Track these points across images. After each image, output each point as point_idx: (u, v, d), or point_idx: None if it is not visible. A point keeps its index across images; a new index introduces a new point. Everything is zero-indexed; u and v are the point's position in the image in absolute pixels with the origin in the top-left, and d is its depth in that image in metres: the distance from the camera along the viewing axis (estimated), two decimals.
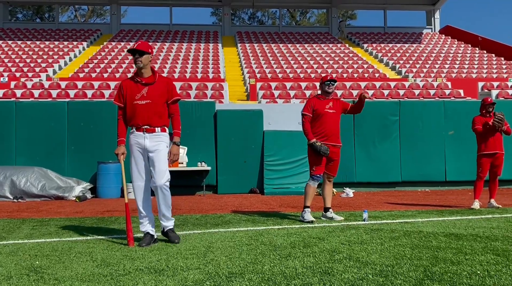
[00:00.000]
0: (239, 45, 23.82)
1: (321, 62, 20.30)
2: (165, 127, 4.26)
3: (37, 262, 3.41)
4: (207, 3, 28.76)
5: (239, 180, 10.43)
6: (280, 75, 17.68)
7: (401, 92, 15.12)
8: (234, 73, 19.43)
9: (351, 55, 22.00)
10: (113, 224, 5.56)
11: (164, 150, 4.20)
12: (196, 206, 7.71)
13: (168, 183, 4.22)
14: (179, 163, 10.02)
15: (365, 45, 24.65)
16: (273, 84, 15.51)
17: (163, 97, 4.19)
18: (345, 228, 4.99)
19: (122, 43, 22.87)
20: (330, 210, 5.85)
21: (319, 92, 6.01)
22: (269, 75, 17.65)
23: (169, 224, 4.30)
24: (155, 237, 4.24)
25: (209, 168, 10.18)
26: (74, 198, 9.24)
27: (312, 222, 5.41)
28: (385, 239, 4.28)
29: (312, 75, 17.77)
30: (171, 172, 10.39)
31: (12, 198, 9.27)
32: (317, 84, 15.53)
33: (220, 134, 10.56)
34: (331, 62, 20.35)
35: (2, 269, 3.22)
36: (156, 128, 4.18)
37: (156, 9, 35.76)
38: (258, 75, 17.56)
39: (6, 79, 15.51)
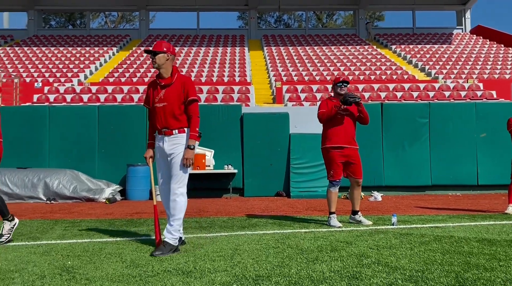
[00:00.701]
0: (265, 48, 23.88)
1: (348, 64, 20.11)
2: (184, 129, 4.06)
3: (69, 262, 3.50)
4: (234, 7, 28.97)
5: (265, 183, 10.43)
6: (306, 78, 17.61)
7: (431, 93, 14.81)
8: (260, 76, 19.48)
9: (379, 56, 21.71)
10: (142, 226, 5.65)
11: (182, 154, 4.02)
12: (223, 209, 7.75)
13: (181, 190, 3.99)
14: (206, 166, 10.11)
15: (393, 47, 24.28)
16: (299, 87, 15.47)
17: (180, 98, 4.03)
18: (373, 232, 4.92)
19: (150, 48, 23.27)
20: (359, 213, 5.77)
21: (332, 94, 5.93)
22: (295, 78, 17.61)
23: (167, 234, 3.91)
24: (183, 238, 4.23)
25: (235, 171, 10.23)
26: (104, 200, 9.45)
27: (339, 227, 5.35)
28: (414, 244, 4.19)
29: None
30: (198, 174, 10.55)
31: (45, 199, 9.56)
32: None
33: (247, 137, 10.60)
34: (358, 64, 20.13)
35: (36, 268, 3.32)
36: (174, 130, 4.03)
37: (184, 14, 36.25)
38: (284, 78, 17.54)
39: (40, 84, 16.04)
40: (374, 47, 23.93)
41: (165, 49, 4.07)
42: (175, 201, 3.94)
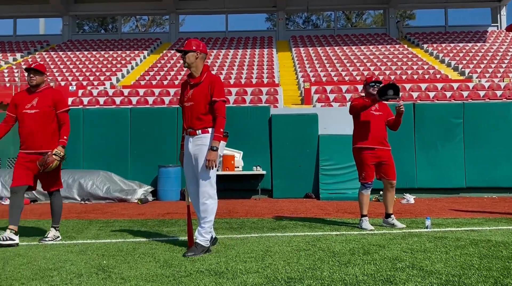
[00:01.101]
0: (293, 49, 23.82)
1: (379, 64, 19.82)
2: (208, 129, 3.96)
3: (104, 262, 3.59)
4: (262, 9, 29.03)
5: (294, 184, 10.39)
6: (335, 78, 17.45)
7: (465, 93, 14.41)
8: (288, 77, 19.44)
9: (410, 56, 21.29)
10: (173, 226, 5.73)
11: (206, 153, 3.94)
12: (252, 210, 7.77)
13: (210, 191, 3.94)
14: (235, 167, 10.17)
15: (425, 46, 23.76)
16: (328, 88, 15.34)
17: (206, 98, 3.95)
18: (406, 236, 4.82)
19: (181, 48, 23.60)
20: (392, 216, 5.66)
21: (363, 94, 5.81)
22: (324, 79, 17.48)
23: (199, 236, 3.91)
24: (214, 236, 4.17)
25: (264, 172, 10.24)
26: (137, 201, 9.64)
27: (371, 230, 5.26)
28: (450, 248, 4.08)
29: None
30: (228, 176, 10.61)
31: (79, 200, 9.83)
32: None
33: (275, 139, 10.59)
34: (389, 63, 19.80)
35: (74, 267, 3.42)
36: (197, 131, 3.96)
37: (213, 17, 36.57)
38: (313, 79, 17.44)
39: (74, 87, 16.52)
40: (405, 46, 23.49)
41: (194, 47, 4.03)
42: (204, 204, 3.92)
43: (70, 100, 14.77)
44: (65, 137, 4.59)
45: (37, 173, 4.59)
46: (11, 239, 4.34)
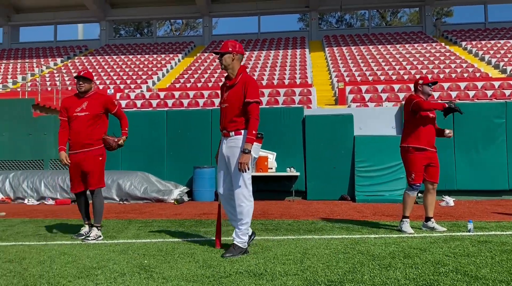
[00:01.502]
0: (326, 49, 23.62)
1: (415, 62, 19.37)
2: (241, 131, 3.94)
3: (145, 261, 3.67)
4: (295, 10, 28.96)
5: (328, 186, 10.29)
6: (370, 78, 17.18)
7: (507, 92, 13.86)
8: (321, 77, 19.29)
9: (447, 54, 20.70)
10: (210, 227, 5.80)
11: (238, 157, 3.91)
12: (286, 212, 7.75)
13: (245, 193, 3.91)
14: (269, 168, 10.18)
15: (464, 43, 23.04)
16: (363, 87, 15.12)
17: (240, 100, 3.92)
18: (448, 239, 4.68)
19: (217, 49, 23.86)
20: (432, 219, 5.50)
21: (420, 94, 5.55)
22: (358, 78, 17.25)
23: (236, 237, 3.94)
24: (250, 233, 4.15)
25: (297, 173, 10.19)
26: (173, 201, 9.80)
27: (411, 234, 5.13)
28: (495, 252, 3.93)
29: (405, 77, 17.01)
30: (261, 177, 10.61)
31: (118, 200, 10.09)
32: (411, 85, 14.81)
33: (309, 140, 10.53)
34: (425, 62, 19.32)
35: (116, 266, 3.51)
36: (230, 132, 3.96)
37: (245, 19, 36.79)
38: (347, 79, 17.24)
39: (112, 91, 16.99)
40: (443, 44, 22.86)
41: (230, 49, 4.02)
42: (240, 206, 3.90)
43: None
44: (126, 129, 5.10)
45: (82, 174, 4.92)
46: (99, 236, 4.87)
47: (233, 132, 3.95)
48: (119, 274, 3.24)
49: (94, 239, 4.76)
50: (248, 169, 3.85)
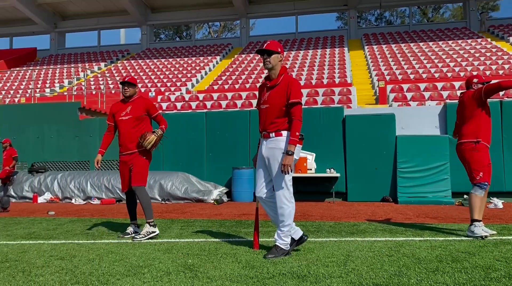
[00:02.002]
0: (366, 47, 23.22)
1: (459, 59, 18.70)
2: (281, 132, 3.88)
3: (189, 261, 3.73)
4: (333, 8, 28.66)
5: (370, 187, 10.11)
6: (412, 76, 16.74)
7: None
8: (361, 76, 18.98)
9: (494, 50, 19.85)
10: (250, 227, 5.82)
11: (279, 157, 3.86)
12: (327, 213, 7.67)
13: (286, 194, 3.87)
14: (308, 169, 10.11)
15: (511, 38, 22.01)
16: (405, 86, 14.75)
17: (282, 101, 3.86)
18: (498, 243, 4.48)
19: (251, 55, 23.99)
20: (481, 222, 5.26)
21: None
22: (399, 77, 16.84)
23: (278, 239, 3.91)
24: (304, 237, 4.14)
25: (338, 174, 10.06)
26: (213, 201, 9.93)
27: (485, 237, 4.81)
28: None
29: (449, 75, 16.46)
30: (300, 178, 10.55)
31: (160, 200, 10.33)
32: (457, 83, 14.32)
33: (349, 140, 10.38)
34: (470, 59, 18.61)
35: (162, 265, 3.59)
36: (271, 133, 3.91)
37: (282, 19, 36.74)
38: (388, 77, 16.87)
39: (154, 93, 17.41)
40: (488, 39, 21.95)
41: (279, 49, 3.97)
42: (281, 207, 3.87)
43: None
44: (162, 126, 5.11)
45: (129, 174, 5.12)
46: (152, 232, 4.97)
47: (273, 133, 3.90)
48: (165, 273, 3.31)
49: (144, 236, 4.87)
50: (292, 171, 3.83)
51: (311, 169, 10.19)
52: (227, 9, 28.40)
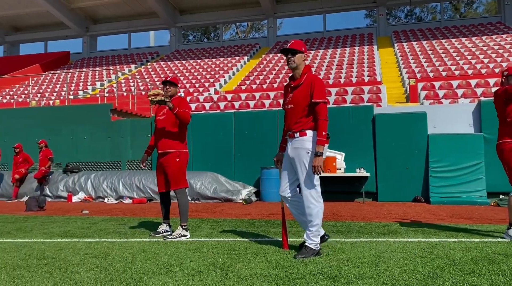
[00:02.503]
0: (395, 44, 22.80)
1: (493, 55, 18.11)
2: (306, 132, 3.85)
3: (220, 260, 3.76)
4: (361, 6, 28.29)
5: (401, 187, 9.93)
6: (444, 74, 16.33)
7: None
8: (391, 74, 18.65)
9: None
10: (279, 227, 5.82)
11: (304, 157, 3.85)
12: (357, 214, 7.58)
13: (313, 194, 3.84)
14: (337, 169, 10.01)
15: None
16: (437, 84, 14.40)
17: (306, 100, 3.84)
18: None
19: (279, 55, 23.96)
20: None
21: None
22: (431, 74, 16.46)
23: (308, 239, 3.88)
24: (325, 237, 4.16)
25: (368, 174, 9.93)
26: (241, 201, 9.97)
27: None
28: None
29: (483, 71, 15.96)
30: (329, 178, 10.47)
31: (190, 199, 10.45)
32: (492, 80, 13.89)
33: (379, 139, 10.22)
34: (505, 55, 18.00)
35: (193, 263, 3.64)
36: (295, 133, 3.90)
37: (310, 18, 36.54)
38: (419, 75, 16.52)
39: (183, 94, 17.63)
40: None
41: (303, 49, 3.97)
42: (309, 207, 3.85)
43: None
44: (178, 109, 4.93)
45: (164, 175, 5.19)
46: (184, 235, 5.01)
47: (297, 133, 3.89)
48: (196, 271, 3.35)
49: (175, 238, 4.94)
50: (323, 172, 3.77)
51: (340, 169, 10.09)
52: (254, 9, 28.47)
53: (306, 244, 3.89)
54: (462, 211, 7.68)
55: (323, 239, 4.11)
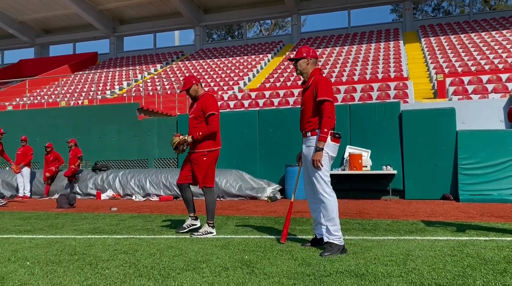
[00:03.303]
0: (422, 39, 22.35)
1: None
2: (316, 131, 4.04)
3: (246, 257, 3.79)
4: (387, 1, 27.83)
5: (429, 185, 9.74)
6: (473, 68, 15.92)
7: None
8: (418, 70, 18.30)
9: None
10: (305, 225, 5.80)
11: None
12: (384, 211, 7.48)
13: (326, 189, 3.97)
14: (363, 166, 9.90)
15: None
16: (466, 79, 14.05)
17: (313, 100, 4.04)
18: None
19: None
20: None
21: None
22: (459, 69, 16.07)
23: (329, 235, 3.95)
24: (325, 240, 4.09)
25: (395, 171, 9.78)
26: (266, 199, 9.98)
27: None
28: None
29: None
30: (355, 175, 10.36)
31: (215, 197, 10.52)
32: None
33: (406, 136, 10.04)
34: None
35: (219, 260, 3.67)
36: (307, 133, 4.12)
37: (334, 14, 36.19)
38: (447, 70, 16.15)
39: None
40: None
41: (304, 54, 4.17)
42: (322, 202, 3.99)
43: None
44: (200, 133, 5.01)
45: (191, 170, 5.23)
46: (210, 232, 5.02)
47: (309, 133, 4.09)
48: (223, 268, 3.38)
49: (201, 234, 4.99)
50: (322, 166, 3.94)
51: (366, 166, 9.97)
52: (278, 7, 28.38)
53: (329, 240, 3.91)
54: (493, 209, 7.47)
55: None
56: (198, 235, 4.98)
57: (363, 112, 10.46)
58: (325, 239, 3.97)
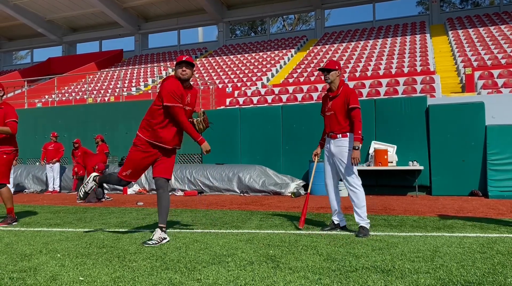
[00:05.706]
0: (450, 32, 21.81)
1: None
2: (346, 133, 4.70)
3: (270, 251, 3.80)
4: None
5: (456, 181, 9.53)
6: (503, 61, 15.44)
7: None
8: (445, 63, 17.87)
9: None
10: (329, 220, 5.77)
11: (346, 153, 4.68)
12: (410, 208, 7.36)
13: (356, 181, 4.65)
14: (389, 162, 9.76)
15: None
16: (495, 72, 13.64)
17: (344, 107, 4.69)
18: None
19: (327, 46, 23.60)
20: None
21: None
22: (488, 62, 15.62)
23: (361, 220, 4.65)
24: (341, 225, 4.99)
25: (421, 167, 9.61)
26: (290, 194, 9.97)
27: None
28: None
29: None
30: (381, 171, 10.24)
31: (239, 192, 10.58)
32: None
33: (433, 131, 9.85)
34: None
35: (244, 254, 3.69)
36: (338, 135, 4.73)
37: (358, 8, 35.68)
38: (475, 63, 15.72)
39: (231, 89, 17.82)
40: None
41: (337, 67, 4.74)
42: (354, 192, 4.66)
43: (227, 101, 16.01)
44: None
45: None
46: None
47: (340, 135, 4.74)
48: (248, 262, 3.40)
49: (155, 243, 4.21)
50: (359, 162, 4.66)
51: (392, 162, 9.83)
52: (301, 1, 28.14)
53: (361, 225, 4.61)
54: None
55: (345, 228, 4.97)
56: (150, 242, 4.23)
57: (389, 106, 10.31)
58: (358, 223, 4.65)
